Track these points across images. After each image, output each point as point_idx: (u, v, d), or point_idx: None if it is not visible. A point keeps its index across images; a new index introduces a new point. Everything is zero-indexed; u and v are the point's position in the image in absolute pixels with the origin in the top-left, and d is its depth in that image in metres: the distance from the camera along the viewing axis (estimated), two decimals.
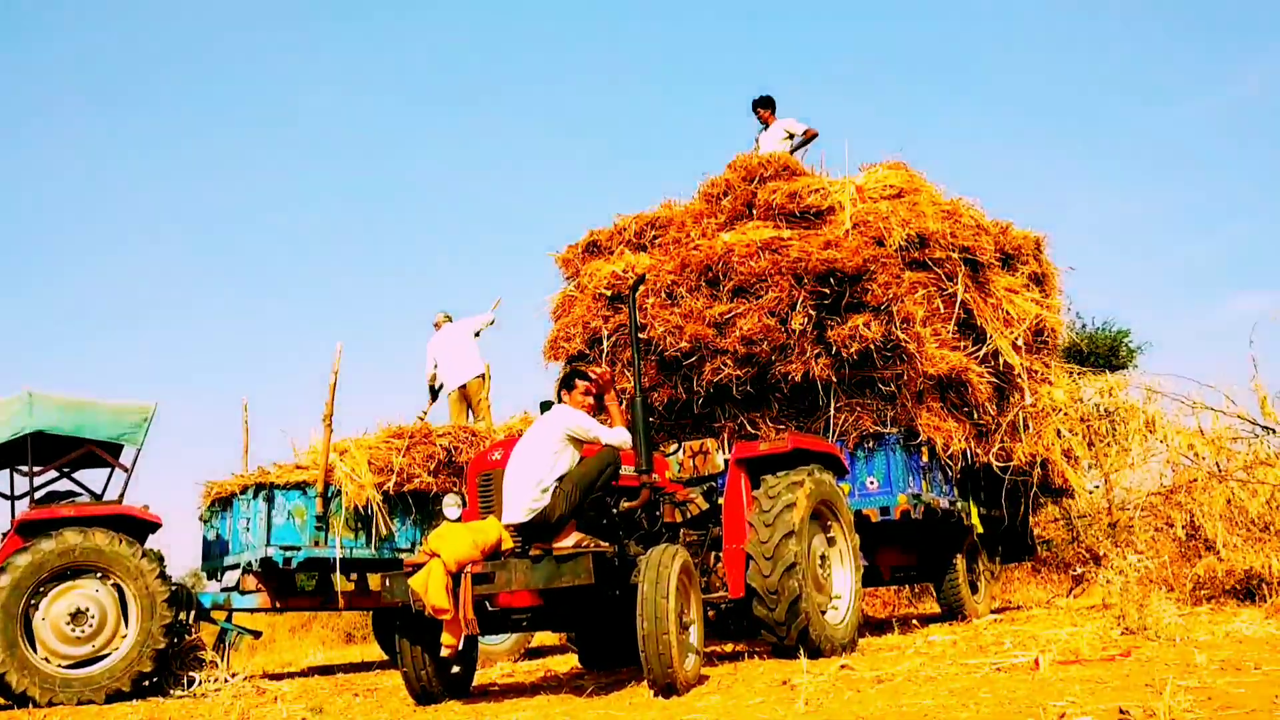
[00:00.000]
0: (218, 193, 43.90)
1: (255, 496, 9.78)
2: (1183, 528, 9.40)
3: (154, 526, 9.12)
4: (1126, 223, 48.36)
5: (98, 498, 9.73)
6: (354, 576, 10.56)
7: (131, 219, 42.63)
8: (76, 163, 42.40)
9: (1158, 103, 48.19)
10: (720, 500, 7.26)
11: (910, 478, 8.92)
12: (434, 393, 12.53)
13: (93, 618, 8.51)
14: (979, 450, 9.71)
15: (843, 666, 5.99)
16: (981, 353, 9.66)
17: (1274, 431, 9.96)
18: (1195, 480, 10.24)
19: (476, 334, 12.49)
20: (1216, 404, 10.35)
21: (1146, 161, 49.71)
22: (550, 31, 48.29)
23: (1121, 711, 3.66)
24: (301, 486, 9.82)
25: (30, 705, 8.12)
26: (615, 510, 6.47)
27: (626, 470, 6.54)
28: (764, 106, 11.75)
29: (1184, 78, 47.92)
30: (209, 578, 11.01)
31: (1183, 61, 47.71)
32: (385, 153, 47.74)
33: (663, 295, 9.23)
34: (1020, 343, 10.04)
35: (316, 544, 9.77)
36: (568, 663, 9.11)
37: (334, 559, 9.78)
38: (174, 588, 8.93)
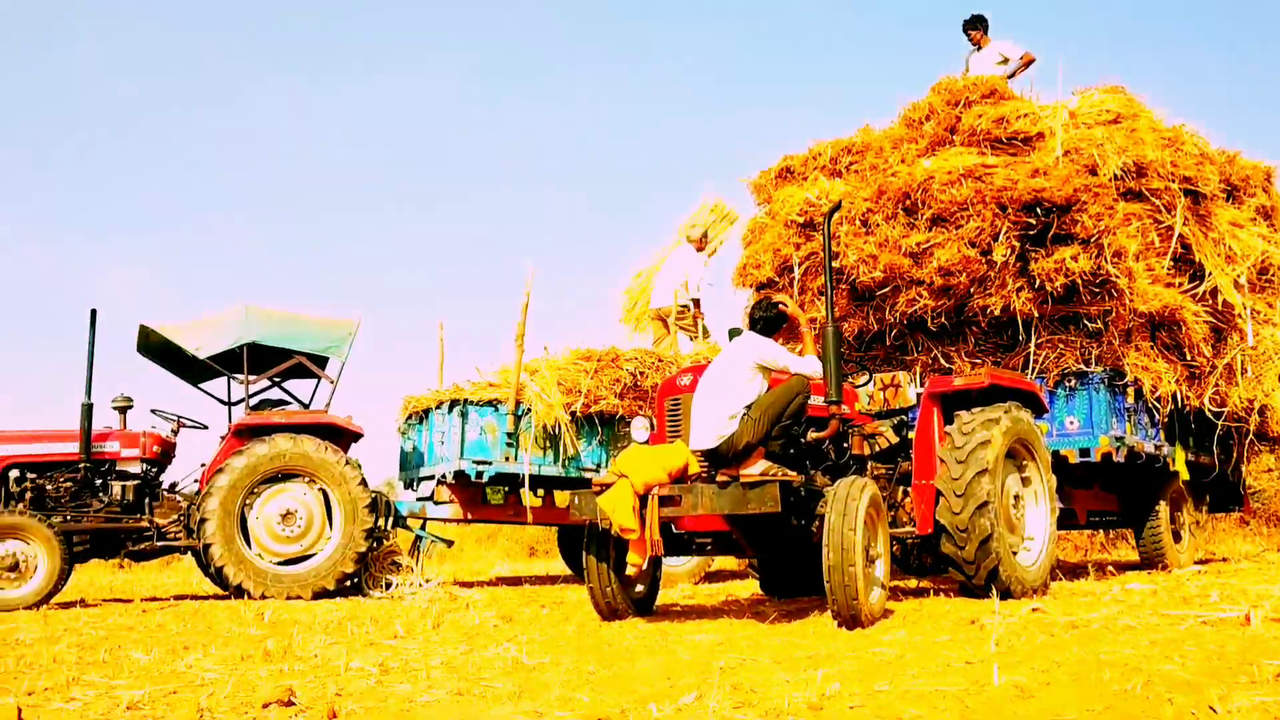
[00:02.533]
0: (410, 115, 45.15)
1: (450, 411, 10.14)
2: None
3: (357, 436, 9.59)
4: None
5: (305, 407, 10.29)
6: (540, 492, 10.87)
7: (333, 146, 44.35)
8: (268, 83, 44.28)
9: None
10: (910, 435, 7.13)
11: (1113, 419, 8.53)
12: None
13: (301, 519, 9.04)
14: (1190, 393, 9.19)
15: (1034, 609, 5.81)
16: (1199, 290, 9.10)
17: None
18: None
19: (693, 279, 12.27)
20: None
21: None
22: None
23: None
24: (494, 404, 10.12)
25: (245, 597, 8.72)
26: (803, 440, 6.42)
27: (815, 400, 6.46)
28: (975, 27, 11.17)
29: None
30: (405, 487, 11.52)
31: None
32: (588, 70, 47.95)
33: (857, 223, 9.00)
34: (1243, 280, 9.42)
35: (507, 459, 10.08)
36: (748, 588, 9.17)
37: (523, 474, 10.07)
38: (374, 495, 9.38)
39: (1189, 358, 9.09)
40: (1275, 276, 10.13)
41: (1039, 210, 8.35)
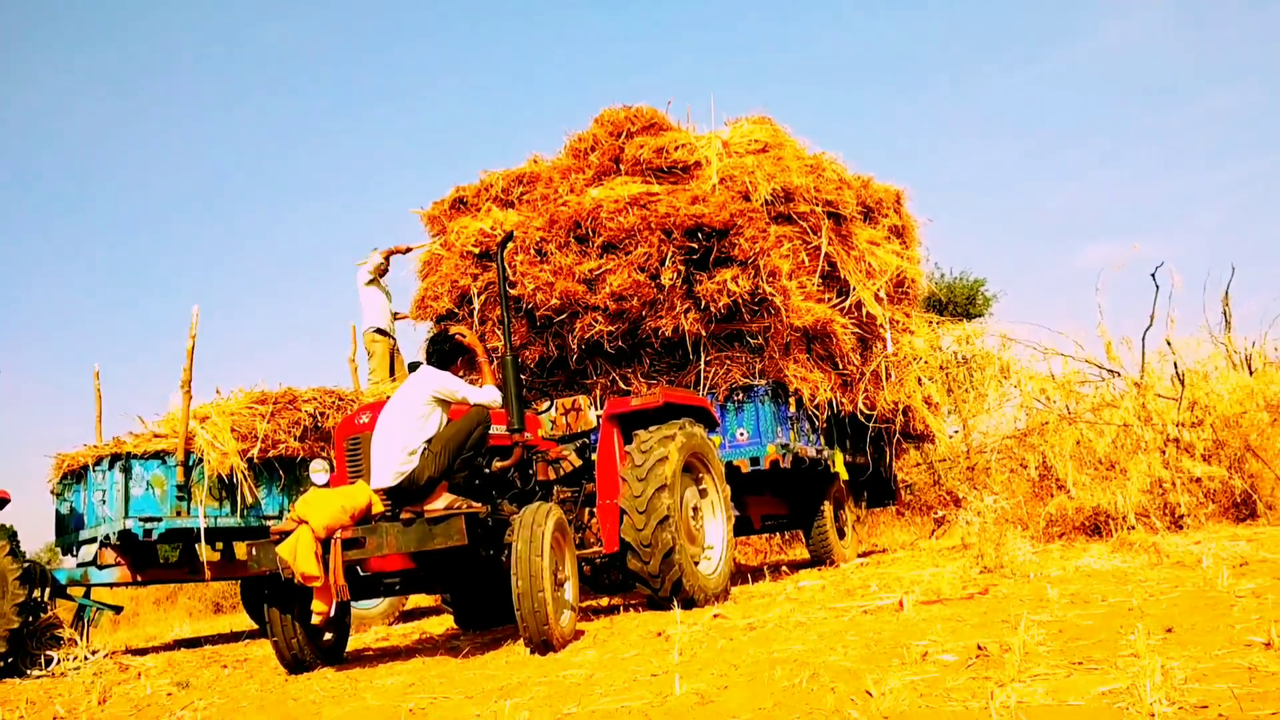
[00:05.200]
0: (63, 154, 41.81)
1: (111, 467, 9.41)
2: (1036, 468, 9.79)
3: (3, 502, 8.71)
4: (984, 176, 49.86)
5: None
6: (219, 546, 10.28)
7: None
8: None
9: (1015, 58, 49.63)
10: (593, 456, 7.29)
11: (779, 428, 9.09)
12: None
13: None
14: (844, 399, 9.93)
15: (716, 616, 6.09)
16: (846, 304, 9.85)
17: (1118, 374, 10.45)
18: (1047, 423, 10.68)
19: (368, 283, 11.71)
20: (1066, 350, 10.81)
21: (1003, 115, 51.26)
22: None
23: (980, 648, 3.80)
24: (160, 455, 9.48)
25: None
26: (487, 470, 6.42)
27: (498, 429, 6.49)
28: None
29: (1040, 33, 49.43)
30: (64, 553, 10.59)
31: (1038, 16, 49.18)
32: (242, 116, 46.06)
33: (532, 252, 9.15)
34: (882, 294, 10.28)
35: (178, 514, 9.46)
36: (443, 624, 9.06)
37: (198, 529, 9.49)
38: (26, 565, 8.54)
39: (841, 367, 9.83)
40: (910, 289, 11.17)
41: (700, 235, 8.80)
